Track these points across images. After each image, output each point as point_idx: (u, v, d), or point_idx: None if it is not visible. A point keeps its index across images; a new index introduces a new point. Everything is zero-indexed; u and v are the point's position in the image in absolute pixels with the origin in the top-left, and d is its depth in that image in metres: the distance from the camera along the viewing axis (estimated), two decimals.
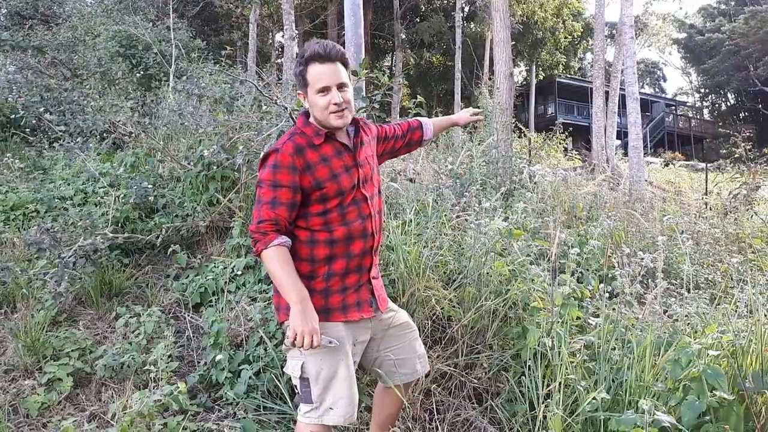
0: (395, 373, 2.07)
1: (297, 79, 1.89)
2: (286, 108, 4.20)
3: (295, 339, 1.73)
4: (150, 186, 4.52)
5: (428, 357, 2.80)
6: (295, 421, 2.54)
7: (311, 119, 1.92)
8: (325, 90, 1.82)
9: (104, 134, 6.30)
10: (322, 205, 1.85)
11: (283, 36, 14.02)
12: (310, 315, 1.75)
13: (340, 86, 1.84)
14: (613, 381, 2.33)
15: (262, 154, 1.90)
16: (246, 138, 4.42)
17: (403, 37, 22.74)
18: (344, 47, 6.45)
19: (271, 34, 22.95)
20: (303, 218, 1.86)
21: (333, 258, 1.88)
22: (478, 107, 13.50)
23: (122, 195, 4.42)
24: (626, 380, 2.26)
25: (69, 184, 5.04)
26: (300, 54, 1.87)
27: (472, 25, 23.61)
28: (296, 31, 14.75)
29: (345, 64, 1.87)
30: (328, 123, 1.86)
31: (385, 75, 4.54)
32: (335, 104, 1.82)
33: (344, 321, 1.89)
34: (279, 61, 18.37)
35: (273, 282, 1.82)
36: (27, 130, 6.57)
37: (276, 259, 1.76)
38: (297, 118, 2.00)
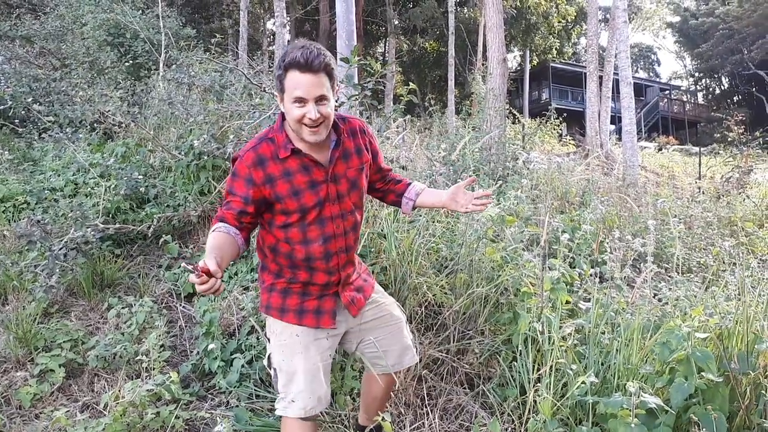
0: (378, 364, 2.06)
1: (275, 82, 1.74)
2: (275, 95, 4.17)
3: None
4: (141, 177, 4.49)
5: (420, 343, 2.82)
6: None
7: (287, 123, 1.78)
8: (301, 101, 1.65)
9: (94, 124, 6.25)
10: (285, 217, 1.78)
11: (274, 23, 13.89)
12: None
13: (319, 99, 1.66)
14: (601, 364, 2.35)
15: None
16: (236, 126, 4.40)
17: (396, 22, 22.53)
18: (336, 34, 6.39)
19: (262, 21, 22.72)
20: (268, 224, 1.83)
21: (296, 268, 1.84)
22: (472, 93, 13.47)
23: (113, 186, 4.40)
24: (614, 363, 2.27)
25: (59, 175, 5.00)
26: (281, 56, 1.69)
27: (465, 10, 23.39)
28: (287, 18, 14.63)
29: (330, 75, 1.68)
30: (300, 135, 1.72)
31: (378, 62, 4.50)
32: (310, 119, 1.66)
33: (297, 324, 1.85)
34: (270, 48, 18.23)
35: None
36: (16, 121, 6.51)
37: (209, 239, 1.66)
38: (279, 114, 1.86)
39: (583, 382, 2.08)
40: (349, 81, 4.48)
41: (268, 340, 1.92)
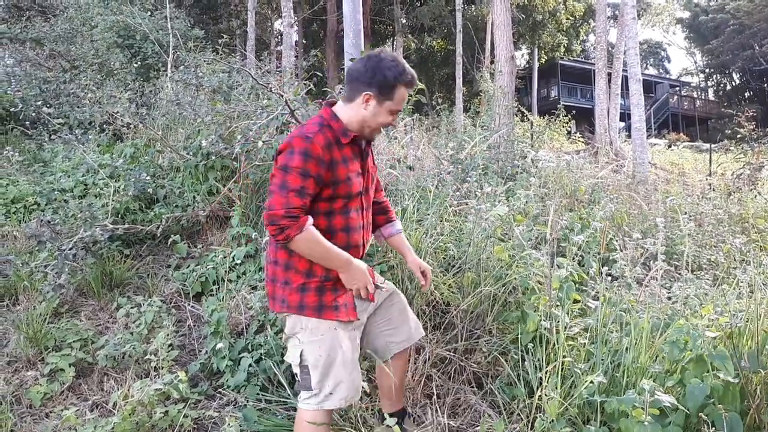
0: (392, 343, 2.13)
1: (378, 85, 1.84)
2: (282, 95, 4.17)
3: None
4: (149, 177, 4.52)
5: (428, 342, 2.81)
6: (295, 408, 2.56)
7: (340, 115, 1.90)
8: (395, 113, 1.89)
9: (104, 126, 6.30)
10: (329, 203, 1.85)
11: (281, 23, 13.92)
12: (358, 271, 1.87)
13: None
14: (610, 363, 2.33)
15: (286, 138, 1.84)
16: (244, 127, 4.41)
17: (404, 21, 22.52)
18: (343, 33, 6.39)
19: (270, 21, 22.78)
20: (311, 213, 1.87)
21: None
22: (480, 92, 13.42)
23: (122, 186, 4.42)
24: (623, 362, 2.25)
25: (69, 177, 5.04)
26: (393, 64, 1.84)
27: (472, 8, 23.32)
28: (295, 18, 14.65)
29: None
30: (366, 133, 1.92)
31: None
32: (391, 126, 1.93)
33: (335, 320, 1.90)
34: (278, 48, 18.27)
35: (314, 260, 1.84)
36: (27, 123, 6.57)
37: (316, 237, 1.78)
38: (323, 107, 1.95)
39: (591, 382, 2.06)
40: None
41: (294, 338, 1.92)
